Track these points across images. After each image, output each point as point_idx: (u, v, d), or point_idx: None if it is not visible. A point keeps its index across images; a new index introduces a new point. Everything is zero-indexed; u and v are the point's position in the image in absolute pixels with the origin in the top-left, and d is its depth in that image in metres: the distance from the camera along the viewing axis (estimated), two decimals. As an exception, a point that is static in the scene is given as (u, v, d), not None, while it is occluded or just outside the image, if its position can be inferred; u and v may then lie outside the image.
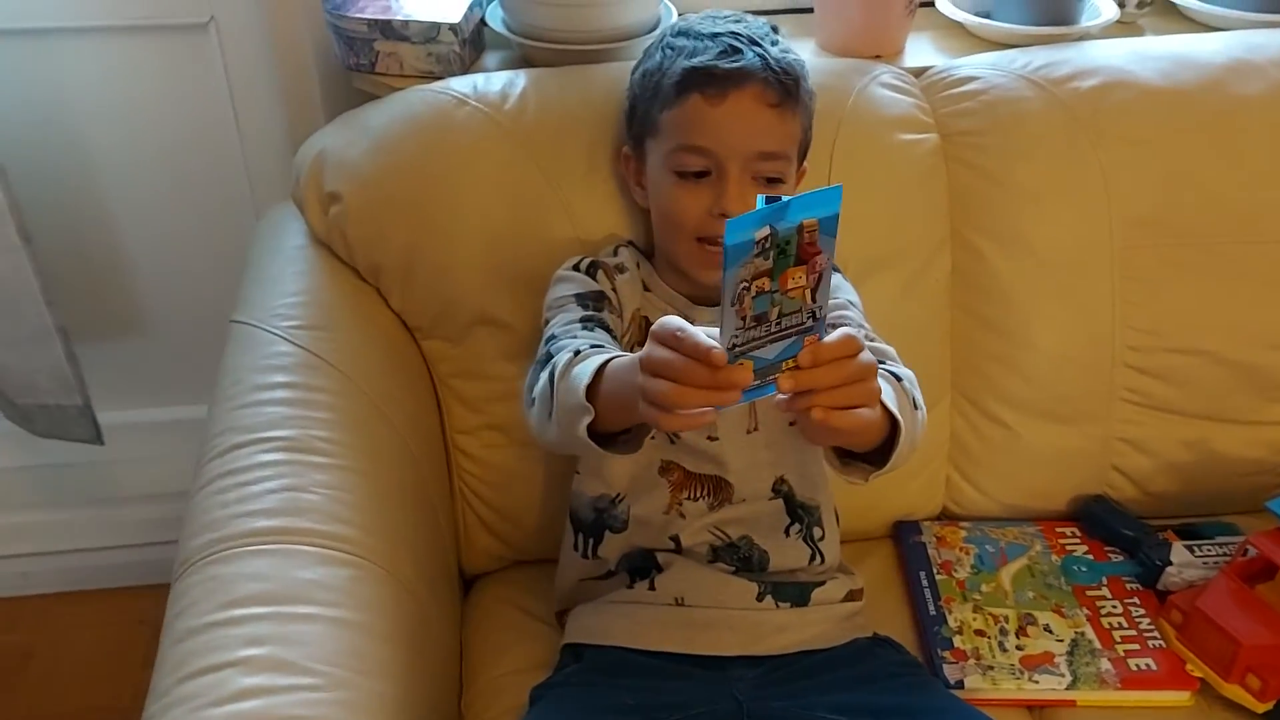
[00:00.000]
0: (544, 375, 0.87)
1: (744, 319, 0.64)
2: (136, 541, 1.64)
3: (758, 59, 0.92)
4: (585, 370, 0.80)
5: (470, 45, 1.23)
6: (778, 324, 0.65)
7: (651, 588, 0.98)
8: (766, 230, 0.61)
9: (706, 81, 0.92)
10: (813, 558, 1.01)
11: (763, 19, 0.99)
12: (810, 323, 0.66)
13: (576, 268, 1.01)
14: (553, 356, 0.87)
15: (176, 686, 0.72)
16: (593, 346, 0.87)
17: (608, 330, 0.95)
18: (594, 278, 1.00)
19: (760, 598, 0.97)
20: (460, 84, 1.12)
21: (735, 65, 0.92)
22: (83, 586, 1.67)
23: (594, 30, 1.19)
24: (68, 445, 1.46)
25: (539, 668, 1.01)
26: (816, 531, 1.01)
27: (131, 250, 1.47)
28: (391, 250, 1.08)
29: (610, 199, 1.08)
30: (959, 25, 1.32)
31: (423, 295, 1.09)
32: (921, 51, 1.29)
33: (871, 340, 0.96)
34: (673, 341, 0.68)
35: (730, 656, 0.94)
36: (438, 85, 1.13)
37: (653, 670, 0.93)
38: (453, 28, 1.18)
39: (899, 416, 0.80)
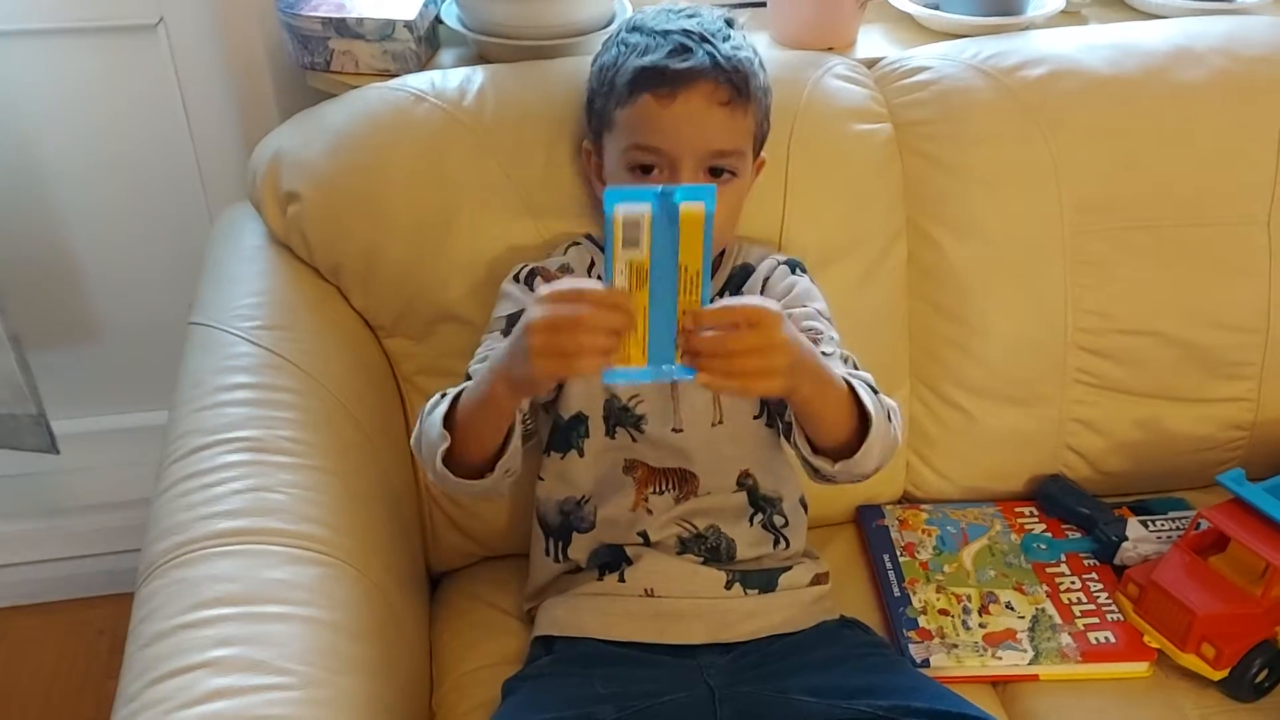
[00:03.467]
0: (418, 424, 0.91)
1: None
2: (94, 551, 1.62)
3: (707, 57, 0.92)
4: (442, 404, 0.87)
5: (425, 42, 1.23)
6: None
7: (621, 580, 0.98)
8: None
9: (657, 81, 0.92)
10: (776, 543, 1.02)
11: (720, 11, 1.00)
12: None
13: (517, 277, 1.02)
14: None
15: (145, 690, 0.72)
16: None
17: None
18: (531, 287, 1.00)
19: (728, 586, 0.98)
20: (418, 81, 1.12)
21: (684, 65, 0.91)
22: (40, 599, 1.64)
23: (549, 26, 1.19)
24: (21, 455, 1.43)
25: (510, 662, 1.01)
26: (779, 519, 1.02)
27: (84, 255, 1.45)
28: (352, 249, 1.07)
29: (571, 193, 1.08)
30: (909, 17, 1.34)
31: (384, 293, 1.09)
32: (873, 43, 1.31)
33: (848, 364, 0.95)
34: (573, 296, 0.73)
35: (700, 644, 0.95)
36: (395, 82, 1.12)
37: (624, 660, 0.94)
38: (408, 25, 1.18)
39: (872, 413, 0.85)
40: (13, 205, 1.40)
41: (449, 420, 0.86)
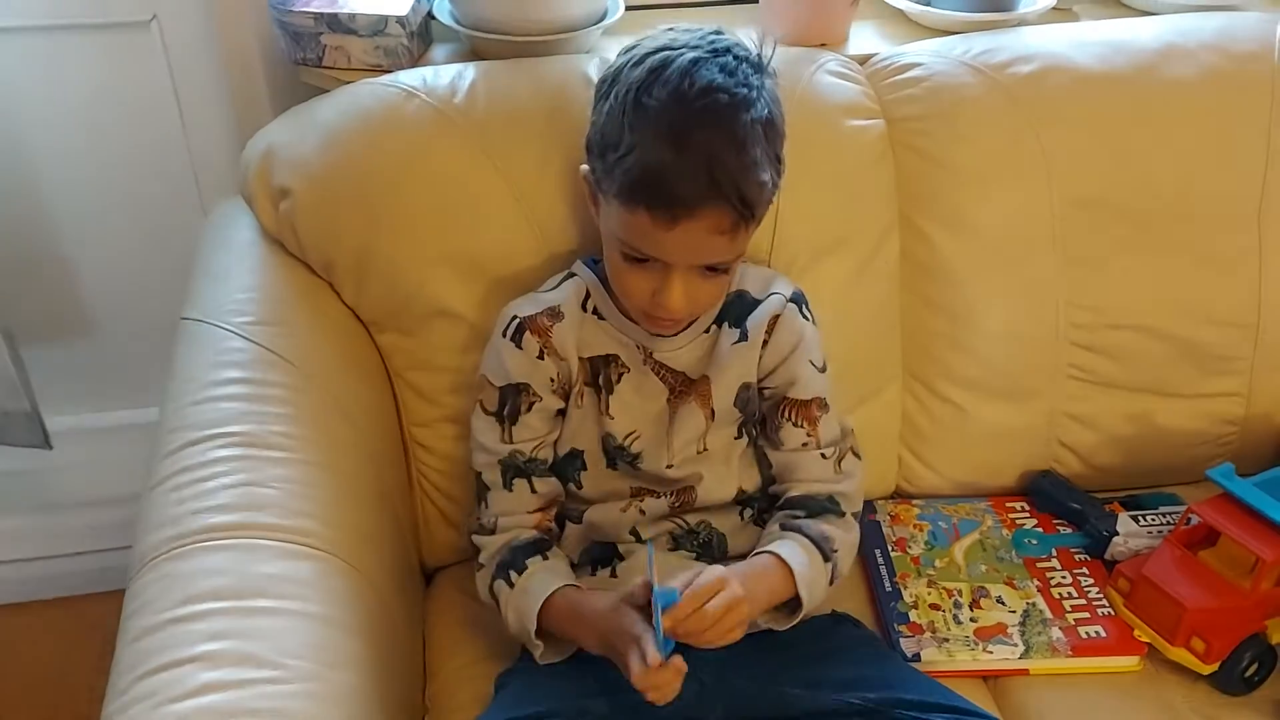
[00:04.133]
0: (484, 587, 0.98)
1: None
2: (87, 548, 1.61)
3: (712, 189, 0.83)
4: (531, 610, 0.93)
5: (418, 38, 1.23)
6: None
7: (614, 575, 0.99)
8: None
9: (657, 202, 0.84)
10: (766, 537, 1.02)
11: (747, 66, 0.87)
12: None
13: (505, 331, 0.98)
14: (484, 509, 1.00)
15: (136, 684, 0.72)
16: (513, 550, 0.97)
17: (522, 472, 0.99)
18: (519, 344, 0.98)
19: (721, 580, 0.98)
20: (409, 77, 1.12)
21: (687, 197, 0.83)
22: (32, 596, 1.64)
23: (542, 22, 1.19)
24: (14, 451, 1.43)
25: (502, 657, 1.02)
26: (767, 518, 1.03)
27: (77, 251, 1.45)
28: (343, 245, 1.07)
29: (563, 191, 1.08)
30: (901, 13, 1.34)
31: (376, 289, 1.08)
32: (865, 39, 1.31)
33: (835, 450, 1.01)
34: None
35: (692, 638, 0.95)
36: (386, 78, 1.12)
37: (617, 654, 0.94)
38: (400, 20, 1.18)
39: (804, 599, 0.93)
40: (5, 201, 1.39)
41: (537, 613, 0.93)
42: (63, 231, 1.44)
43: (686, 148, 0.83)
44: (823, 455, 1.00)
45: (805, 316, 1.01)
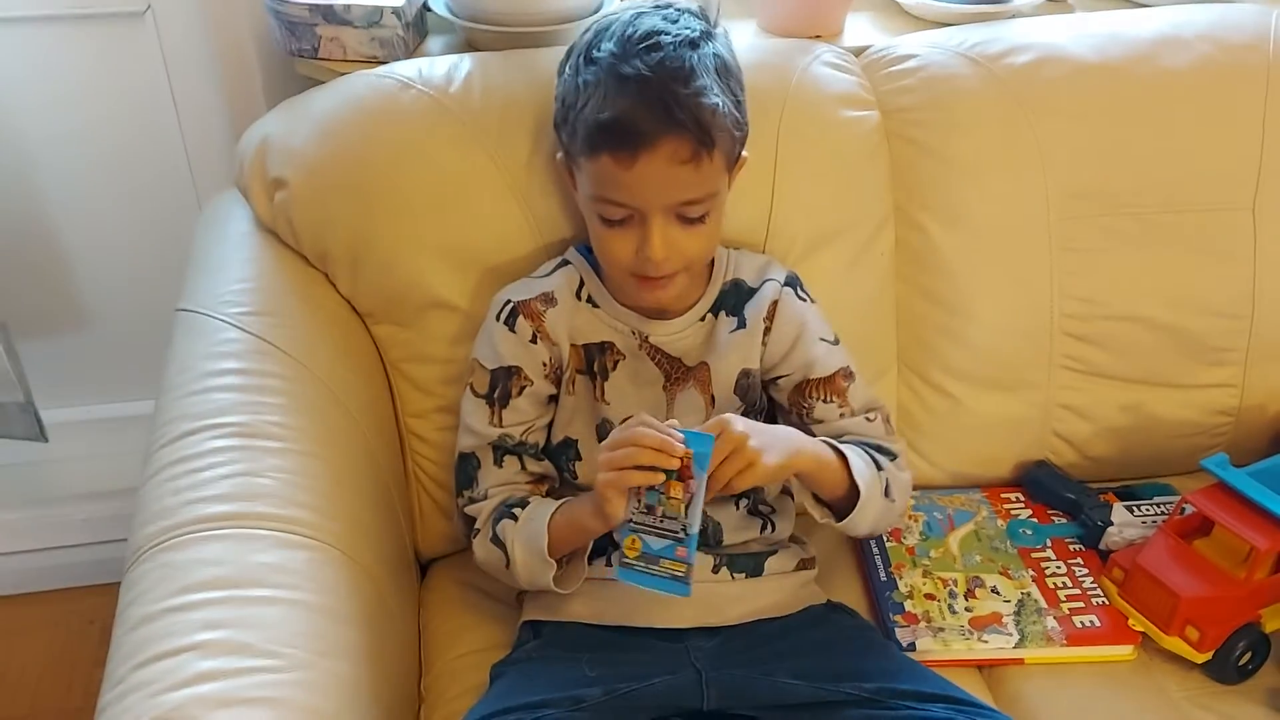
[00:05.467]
0: (484, 543, 0.97)
1: (639, 502, 0.85)
2: (83, 541, 1.61)
3: (665, 115, 0.86)
4: (539, 527, 0.93)
5: (413, 29, 1.23)
6: (660, 521, 0.85)
7: (609, 564, 0.98)
8: None
9: (615, 143, 0.87)
10: (764, 527, 1.02)
11: (690, 17, 0.92)
12: (681, 535, 0.84)
13: (499, 315, 1.00)
14: (474, 486, 1.00)
15: (132, 673, 0.72)
16: (508, 504, 0.97)
17: (512, 452, 1.00)
18: (512, 328, 0.99)
19: (716, 570, 0.99)
20: (405, 68, 1.11)
21: (642, 128, 0.86)
22: (29, 589, 1.64)
23: (537, 13, 1.19)
24: (10, 443, 1.43)
25: (498, 647, 1.02)
26: (764, 507, 1.03)
27: (71, 243, 1.45)
28: (339, 236, 1.07)
29: (557, 181, 1.07)
30: (896, 5, 1.34)
31: (371, 281, 1.08)
32: (860, 31, 1.31)
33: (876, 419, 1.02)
34: (634, 421, 0.86)
35: (688, 628, 0.95)
36: (382, 69, 1.12)
37: (612, 643, 0.94)
38: (396, 11, 1.18)
39: (861, 487, 0.93)
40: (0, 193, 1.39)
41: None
42: (57, 224, 1.44)
43: (634, 83, 0.86)
44: (867, 419, 1.01)
45: (802, 297, 1.02)
